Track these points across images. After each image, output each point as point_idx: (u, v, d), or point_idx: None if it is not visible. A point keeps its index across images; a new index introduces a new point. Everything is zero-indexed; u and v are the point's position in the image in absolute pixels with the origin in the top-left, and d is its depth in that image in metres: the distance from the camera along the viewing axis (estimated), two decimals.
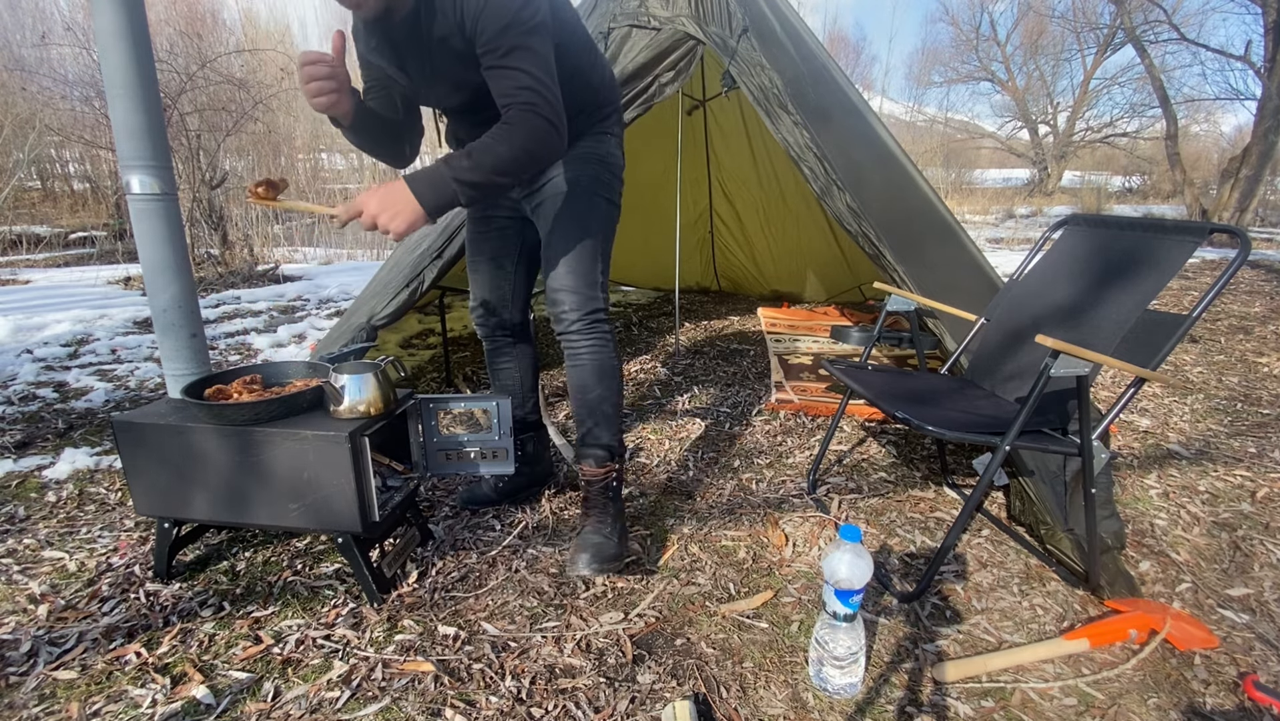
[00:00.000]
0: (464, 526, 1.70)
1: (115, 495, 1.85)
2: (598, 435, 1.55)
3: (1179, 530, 1.74)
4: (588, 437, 1.56)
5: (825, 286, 4.43)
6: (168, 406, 1.41)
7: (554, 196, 1.48)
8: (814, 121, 1.96)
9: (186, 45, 6.67)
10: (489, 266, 1.67)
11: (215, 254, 5.73)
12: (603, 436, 1.55)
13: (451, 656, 1.24)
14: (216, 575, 1.49)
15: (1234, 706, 1.16)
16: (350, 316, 2.25)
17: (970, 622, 1.37)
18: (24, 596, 1.41)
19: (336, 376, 1.34)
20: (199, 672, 1.19)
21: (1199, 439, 2.33)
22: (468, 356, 3.21)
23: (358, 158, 11.51)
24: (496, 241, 1.66)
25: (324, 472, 1.28)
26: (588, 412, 1.55)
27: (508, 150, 1.21)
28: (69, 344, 3.34)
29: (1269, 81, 8.93)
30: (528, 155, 1.23)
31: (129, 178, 1.59)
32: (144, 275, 1.68)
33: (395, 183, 1.18)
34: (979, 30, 20.05)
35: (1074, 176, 19.56)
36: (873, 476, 2.02)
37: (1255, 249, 7.75)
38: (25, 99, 7.10)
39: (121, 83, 1.54)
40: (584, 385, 1.52)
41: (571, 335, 1.50)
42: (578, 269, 1.47)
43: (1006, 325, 1.75)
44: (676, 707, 1.09)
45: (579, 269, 1.47)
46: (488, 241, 1.66)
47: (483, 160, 1.20)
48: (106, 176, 8.25)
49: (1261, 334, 3.85)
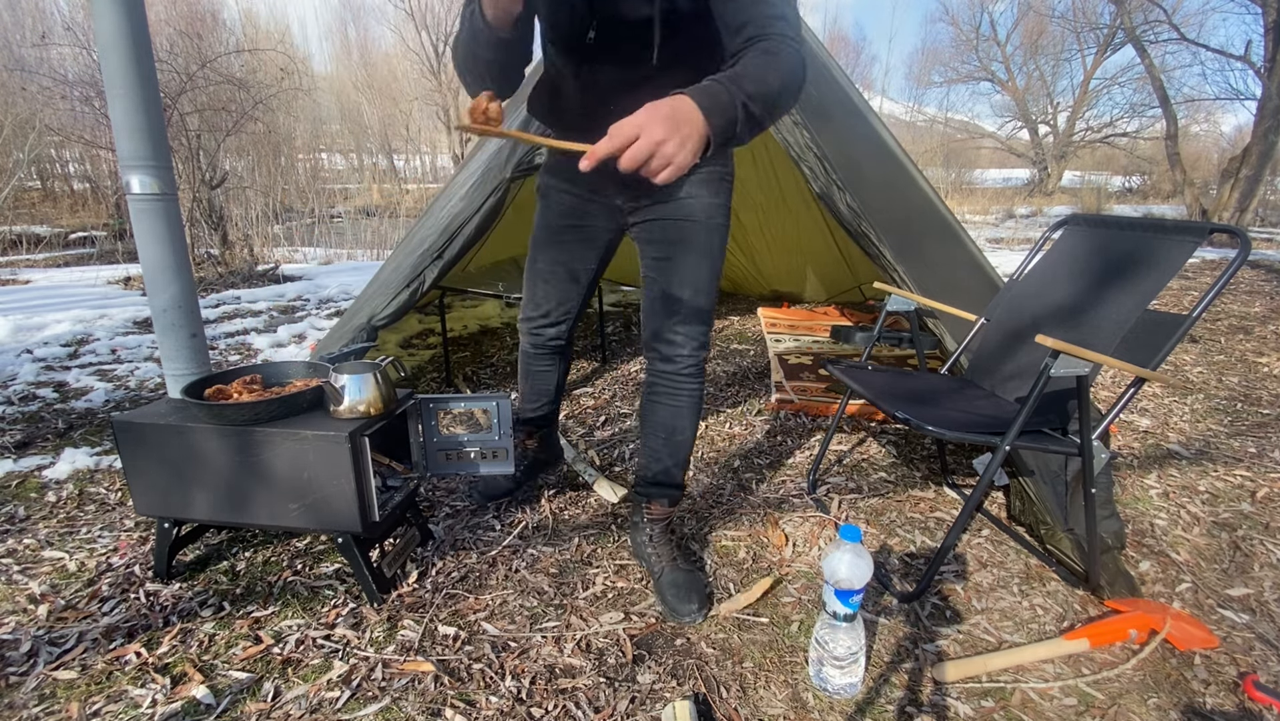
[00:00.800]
0: (464, 526, 1.70)
1: (115, 495, 1.85)
2: (673, 474, 1.48)
3: (1179, 530, 1.74)
4: (662, 476, 1.48)
5: (825, 286, 4.43)
6: (168, 406, 1.41)
7: (682, 222, 1.30)
8: (814, 121, 1.96)
9: (186, 45, 6.67)
10: (564, 278, 1.50)
11: (215, 254, 5.73)
12: (677, 476, 1.49)
13: (451, 656, 1.24)
14: (216, 575, 1.49)
15: (1234, 706, 1.16)
16: (350, 316, 2.25)
17: (970, 622, 1.37)
18: (24, 596, 1.41)
19: (336, 376, 1.34)
20: (199, 672, 1.19)
21: (1199, 439, 2.33)
22: (468, 356, 3.21)
23: (357, 158, 11.51)
24: (580, 251, 1.46)
25: (324, 472, 1.28)
26: (669, 452, 1.46)
27: (777, 82, 0.94)
28: (69, 344, 3.34)
29: (1269, 81, 8.93)
30: (787, 95, 0.97)
31: (129, 178, 1.59)
32: (144, 275, 1.68)
33: (677, 99, 0.85)
34: (979, 30, 20.07)
35: (1074, 176, 19.56)
36: (873, 476, 2.02)
37: (1255, 249, 7.75)
38: (25, 99, 7.10)
39: (121, 83, 1.54)
40: (675, 426, 1.43)
41: (682, 377, 1.40)
42: (703, 309, 1.35)
43: (1006, 325, 1.75)
44: (676, 707, 1.09)
45: (703, 309, 1.35)
46: (569, 250, 1.47)
47: (758, 89, 0.91)
48: (106, 176, 8.26)
49: (1261, 334, 3.85)
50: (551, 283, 1.52)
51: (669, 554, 1.47)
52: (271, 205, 7.61)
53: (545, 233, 1.48)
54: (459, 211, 2.08)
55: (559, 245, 1.47)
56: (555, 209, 1.45)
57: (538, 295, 1.55)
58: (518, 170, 2.01)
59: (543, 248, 1.50)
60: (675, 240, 1.32)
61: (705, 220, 1.31)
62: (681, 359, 1.38)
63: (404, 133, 18.05)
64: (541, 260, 1.51)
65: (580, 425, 2.37)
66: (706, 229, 1.31)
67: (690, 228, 1.31)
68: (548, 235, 1.48)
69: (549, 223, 1.47)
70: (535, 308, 1.58)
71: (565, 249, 1.47)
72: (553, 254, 1.49)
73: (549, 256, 1.49)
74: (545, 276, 1.52)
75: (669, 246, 1.33)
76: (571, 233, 1.45)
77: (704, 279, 1.33)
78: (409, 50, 18.58)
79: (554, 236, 1.47)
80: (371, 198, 13.04)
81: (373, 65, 19.58)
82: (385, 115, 17.54)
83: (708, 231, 1.31)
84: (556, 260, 1.49)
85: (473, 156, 2.51)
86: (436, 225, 2.16)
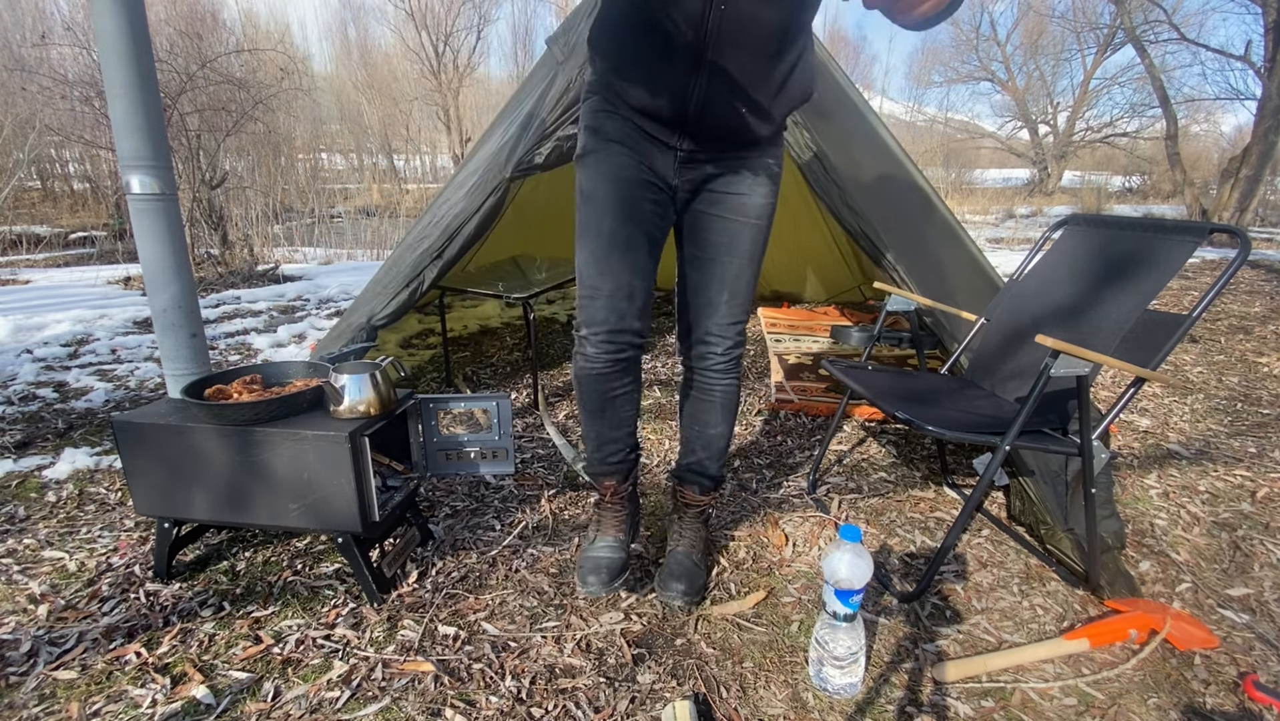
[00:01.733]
0: (464, 526, 1.70)
1: (115, 495, 1.85)
2: (706, 466, 1.46)
3: (1179, 530, 1.74)
4: (695, 466, 1.46)
5: (825, 286, 4.43)
6: (168, 406, 1.41)
7: (733, 221, 1.26)
8: (814, 121, 1.96)
9: (186, 45, 6.66)
10: (643, 246, 1.22)
11: (215, 254, 5.73)
12: (711, 467, 1.46)
13: (451, 656, 1.24)
14: (216, 575, 1.49)
15: (1234, 706, 1.16)
16: (350, 316, 2.25)
17: (970, 622, 1.37)
18: (24, 596, 1.41)
19: (336, 376, 1.34)
20: (199, 672, 1.19)
21: (1199, 439, 2.33)
22: (468, 356, 3.21)
23: (357, 158, 11.50)
24: (655, 215, 1.24)
25: (324, 472, 1.28)
26: (703, 445, 1.44)
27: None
28: (69, 344, 3.34)
29: (1269, 81, 8.93)
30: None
31: (129, 178, 1.59)
32: (144, 275, 1.68)
33: None
34: (979, 30, 20.06)
35: (1074, 176, 19.56)
36: (873, 476, 2.02)
37: (1255, 249, 7.75)
38: (25, 99, 7.10)
39: (121, 83, 1.54)
40: (709, 420, 1.40)
41: (717, 371, 1.36)
42: (740, 309, 1.32)
43: (1006, 325, 1.75)
44: (676, 707, 1.09)
45: (740, 309, 1.32)
46: (644, 209, 1.22)
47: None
48: (106, 176, 8.26)
49: (1261, 334, 3.85)
50: (631, 254, 1.20)
51: (690, 540, 1.47)
52: (271, 205, 7.61)
53: (612, 187, 1.19)
54: (459, 211, 2.08)
55: (634, 202, 1.19)
56: (616, 162, 1.19)
57: (615, 274, 1.20)
58: (518, 170, 2.01)
59: (610, 209, 1.19)
60: (723, 242, 1.27)
61: (755, 221, 1.27)
62: (714, 356, 1.35)
63: (404, 133, 18.04)
64: (612, 223, 1.19)
65: (580, 425, 2.37)
66: (754, 231, 1.28)
67: (740, 229, 1.26)
68: (616, 191, 1.18)
69: (615, 175, 1.19)
70: (612, 296, 1.21)
71: (640, 207, 1.20)
72: (626, 212, 1.19)
73: (622, 215, 1.19)
74: (623, 245, 1.19)
75: (715, 248, 1.28)
76: (642, 188, 1.20)
77: (745, 281, 1.30)
78: (409, 50, 18.57)
79: (625, 191, 1.19)
80: (371, 198, 13.04)
81: (373, 65, 19.57)
82: (385, 115, 17.53)
83: (754, 234, 1.28)
84: (636, 223, 1.20)
85: (473, 156, 2.51)
86: (436, 225, 2.16)
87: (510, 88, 17.43)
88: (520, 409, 2.49)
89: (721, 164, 1.24)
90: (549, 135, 1.99)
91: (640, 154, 1.21)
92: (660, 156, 1.22)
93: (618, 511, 1.45)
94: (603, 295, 1.21)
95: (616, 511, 1.45)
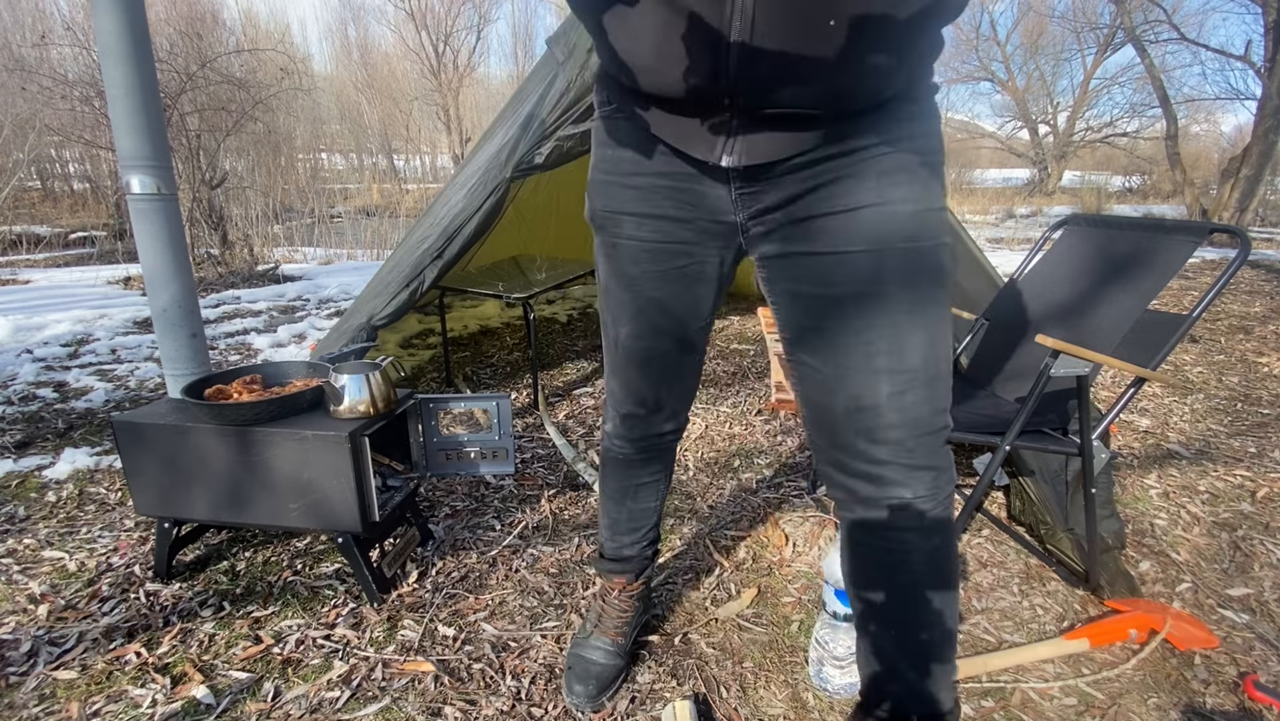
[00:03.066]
0: (464, 526, 1.70)
1: (115, 495, 1.85)
2: (916, 688, 0.82)
3: (1179, 530, 1.74)
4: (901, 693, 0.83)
5: None
6: (168, 406, 1.41)
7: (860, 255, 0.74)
8: None
9: (186, 45, 6.67)
10: (673, 350, 0.96)
11: (215, 254, 5.73)
12: (923, 688, 0.82)
13: (451, 656, 1.24)
14: (216, 575, 1.49)
15: (1234, 706, 1.16)
16: (350, 316, 2.25)
17: (970, 622, 1.37)
18: (24, 596, 1.41)
19: (336, 376, 1.34)
20: (199, 672, 1.19)
21: (1199, 439, 2.33)
22: (468, 356, 3.21)
23: (357, 158, 11.50)
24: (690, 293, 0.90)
25: (324, 472, 1.28)
26: (897, 645, 0.83)
27: None
28: (69, 344, 3.34)
29: (1269, 81, 8.92)
30: None
31: (129, 178, 1.59)
32: (144, 275, 1.68)
33: None
34: (979, 30, 20.05)
35: (1074, 176, 19.56)
36: None
37: (1255, 249, 7.75)
38: (25, 99, 7.09)
39: (121, 83, 1.54)
40: (902, 597, 0.82)
41: (896, 530, 0.79)
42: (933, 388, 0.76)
43: (1006, 325, 1.75)
44: (676, 707, 1.09)
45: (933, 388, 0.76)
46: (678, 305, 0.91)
47: None
48: (106, 176, 8.25)
49: (1261, 334, 3.85)
50: (653, 365, 0.97)
51: None
52: (271, 205, 7.61)
53: (626, 292, 0.92)
54: (459, 211, 2.08)
55: (658, 304, 0.91)
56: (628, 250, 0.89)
57: (637, 390, 1.01)
58: (518, 170, 2.01)
59: (625, 316, 0.94)
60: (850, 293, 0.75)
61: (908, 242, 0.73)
62: (889, 476, 0.78)
63: (404, 133, 18.04)
64: (630, 335, 0.95)
65: (580, 425, 2.37)
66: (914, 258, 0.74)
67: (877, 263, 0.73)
68: (631, 294, 0.92)
69: (625, 271, 0.91)
70: (641, 401, 1.02)
71: (668, 305, 0.91)
72: (647, 322, 0.93)
73: (642, 326, 0.94)
74: (641, 361, 0.97)
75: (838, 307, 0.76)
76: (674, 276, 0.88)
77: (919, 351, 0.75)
78: (409, 50, 18.59)
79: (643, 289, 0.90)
80: (371, 198, 13.04)
81: (373, 65, 19.57)
82: (385, 115, 17.54)
83: (913, 263, 0.74)
84: (654, 331, 0.94)
85: (473, 156, 2.51)
86: (436, 225, 2.16)
87: (510, 88, 17.42)
88: (520, 409, 2.49)
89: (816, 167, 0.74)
90: (549, 135, 1.99)
91: (664, 207, 0.84)
92: (706, 186, 0.81)
93: (623, 612, 1.20)
94: (626, 405, 1.04)
95: (621, 612, 1.20)
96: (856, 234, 0.74)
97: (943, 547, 0.80)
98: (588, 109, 2.02)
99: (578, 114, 1.99)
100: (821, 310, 0.78)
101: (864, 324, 0.75)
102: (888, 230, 0.73)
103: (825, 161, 0.74)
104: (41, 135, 7.59)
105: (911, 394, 0.75)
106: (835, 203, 0.74)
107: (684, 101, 0.72)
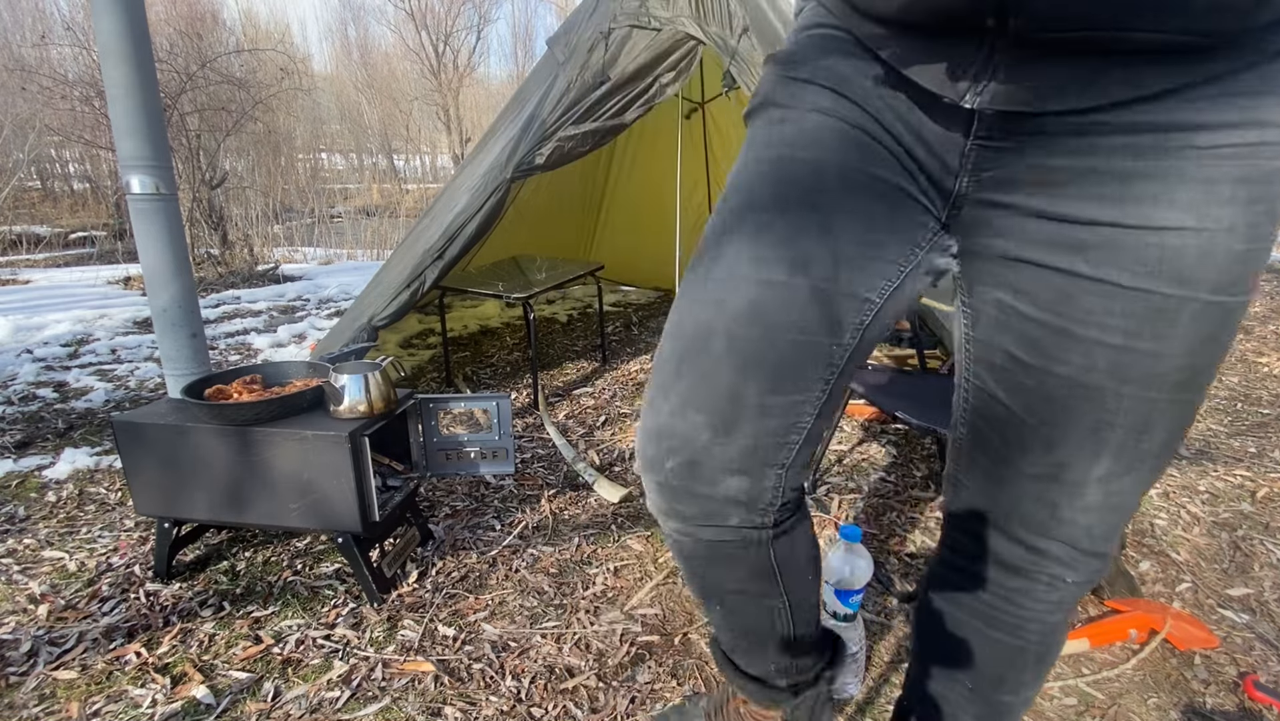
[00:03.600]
0: (464, 526, 1.70)
1: (115, 495, 1.85)
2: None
3: (1179, 530, 1.74)
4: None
5: None
6: (168, 406, 1.41)
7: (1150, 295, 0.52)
8: None
9: (186, 45, 6.67)
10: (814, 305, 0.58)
11: (215, 254, 5.73)
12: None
13: (451, 656, 1.24)
14: (216, 575, 1.49)
15: (1234, 706, 1.16)
16: (350, 316, 2.25)
17: None
18: (24, 596, 1.41)
19: (336, 376, 1.34)
20: (199, 672, 1.19)
21: (1199, 439, 2.33)
22: (468, 356, 3.21)
23: (357, 158, 11.50)
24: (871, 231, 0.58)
25: (324, 472, 1.29)
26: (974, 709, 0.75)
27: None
28: (69, 344, 3.34)
29: None
30: None
31: (129, 178, 1.59)
32: (144, 275, 1.68)
33: None
34: None
35: None
36: (873, 476, 2.02)
37: None
38: (25, 99, 7.10)
39: (121, 83, 1.54)
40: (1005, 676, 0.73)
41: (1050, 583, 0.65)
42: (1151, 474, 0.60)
43: None
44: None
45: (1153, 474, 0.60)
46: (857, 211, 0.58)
47: None
48: (106, 176, 8.25)
49: (1261, 334, 3.85)
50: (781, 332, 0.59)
51: None
52: (271, 205, 7.61)
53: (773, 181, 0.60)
54: (459, 211, 2.08)
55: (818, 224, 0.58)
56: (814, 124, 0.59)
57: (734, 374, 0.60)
58: (519, 170, 2.01)
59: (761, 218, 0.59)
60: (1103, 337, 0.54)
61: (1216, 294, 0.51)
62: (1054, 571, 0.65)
63: (404, 133, 18.04)
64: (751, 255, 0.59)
65: (580, 425, 2.37)
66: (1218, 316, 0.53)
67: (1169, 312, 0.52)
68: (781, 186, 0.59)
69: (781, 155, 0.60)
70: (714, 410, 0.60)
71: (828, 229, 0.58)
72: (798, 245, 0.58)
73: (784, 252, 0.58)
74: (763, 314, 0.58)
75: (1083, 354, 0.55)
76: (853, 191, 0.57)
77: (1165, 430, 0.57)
78: (409, 50, 18.58)
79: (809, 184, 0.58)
80: (371, 198, 13.04)
81: (373, 65, 19.57)
82: (385, 115, 17.54)
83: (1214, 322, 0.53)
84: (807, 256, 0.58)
85: (473, 156, 2.51)
86: (437, 225, 2.16)
87: (510, 88, 17.44)
88: (520, 409, 2.49)
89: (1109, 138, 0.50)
90: (550, 136, 1.99)
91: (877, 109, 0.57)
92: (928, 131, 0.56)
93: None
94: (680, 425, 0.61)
95: None
96: (1145, 263, 0.51)
97: (1063, 625, 0.70)
98: (588, 109, 2.02)
99: (578, 114, 1.99)
100: (1052, 349, 0.55)
101: (1112, 386, 0.54)
102: (1198, 271, 0.50)
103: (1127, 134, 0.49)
104: (41, 135, 7.60)
105: (1130, 477, 0.58)
106: (1127, 209, 0.50)
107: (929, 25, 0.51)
